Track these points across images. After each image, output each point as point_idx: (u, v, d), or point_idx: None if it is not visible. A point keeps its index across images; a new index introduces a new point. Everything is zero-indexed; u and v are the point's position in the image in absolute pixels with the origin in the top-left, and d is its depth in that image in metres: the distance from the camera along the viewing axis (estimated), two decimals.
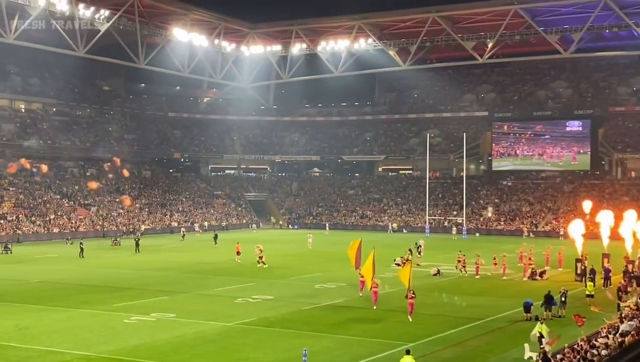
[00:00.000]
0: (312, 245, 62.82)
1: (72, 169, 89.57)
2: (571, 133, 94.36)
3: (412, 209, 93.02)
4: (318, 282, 40.06)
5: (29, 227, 71.67)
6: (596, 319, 26.50)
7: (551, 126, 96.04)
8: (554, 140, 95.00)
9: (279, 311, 31.17)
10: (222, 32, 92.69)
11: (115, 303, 32.81)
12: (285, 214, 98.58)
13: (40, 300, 33.94)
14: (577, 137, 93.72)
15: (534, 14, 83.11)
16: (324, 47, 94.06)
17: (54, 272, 44.81)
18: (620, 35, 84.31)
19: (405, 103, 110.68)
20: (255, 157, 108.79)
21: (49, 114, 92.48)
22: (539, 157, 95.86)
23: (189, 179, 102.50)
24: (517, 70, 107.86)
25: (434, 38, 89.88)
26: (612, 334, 20.82)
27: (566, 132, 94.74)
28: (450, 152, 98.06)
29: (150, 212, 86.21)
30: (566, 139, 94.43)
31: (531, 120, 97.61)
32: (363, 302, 33.69)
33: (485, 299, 35.58)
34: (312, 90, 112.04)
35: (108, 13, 78.49)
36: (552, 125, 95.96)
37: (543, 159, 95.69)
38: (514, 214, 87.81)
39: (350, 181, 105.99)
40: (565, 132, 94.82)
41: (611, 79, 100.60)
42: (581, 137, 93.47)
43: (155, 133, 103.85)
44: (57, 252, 57.62)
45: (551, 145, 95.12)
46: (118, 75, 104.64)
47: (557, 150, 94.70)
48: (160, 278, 42.50)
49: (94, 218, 78.77)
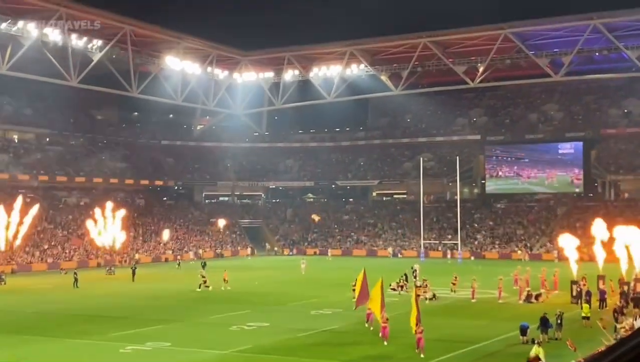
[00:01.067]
0: (305, 271, 62.77)
1: (66, 199, 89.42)
2: (563, 155, 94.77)
3: (407, 234, 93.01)
4: (314, 309, 39.96)
5: (23, 257, 71.38)
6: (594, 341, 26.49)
7: (543, 149, 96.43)
8: (547, 163, 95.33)
9: (275, 338, 31.07)
10: (214, 59, 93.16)
11: (111, 333, 32.66)
12: (280, 240, 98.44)
13: (36, 330, 33.78)
14: (569, 160, 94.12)
15: (524, 38, 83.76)
16: (316, 74, 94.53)
17: (49, 303, 44.61)
18: (611, 58, 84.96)
19: (398, 128, 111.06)
20: (249, 184, 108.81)
21: (42, 143, 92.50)
22: (532, 180, 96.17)
23: (183, 207, 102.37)
24: (508, 94, 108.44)
25: (425, 63, 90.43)
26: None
27: (558, 154, 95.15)
28: (444, 176, 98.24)
29: (144, 240, 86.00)
30: (559, 161, 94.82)
31: (523, 144, 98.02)
32: (359, 327, 33.59)
33: (481, 322, 35.54)
34: (305, 117, 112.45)
35: (101, 43, 78.88)
36: (545, 148, 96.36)
37: (536, 181, 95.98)
38: (508, 237, 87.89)
39: (344, 206, 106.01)
40: (557, 155, 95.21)
41: (602, 101, 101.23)
42: (574, 160, 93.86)
43: (149, 161, 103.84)
44: (51, 283, 57.38)
45: (544, 168, 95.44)
46: (111, 105, 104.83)
47: (550, 173, 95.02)
48: (155, 307, 42.36)
49: (88, 248, 78.52)
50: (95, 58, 78.73)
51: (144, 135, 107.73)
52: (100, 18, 76.98)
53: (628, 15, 76.86)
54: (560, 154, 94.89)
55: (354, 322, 35.26)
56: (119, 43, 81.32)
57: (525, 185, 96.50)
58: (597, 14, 77.91)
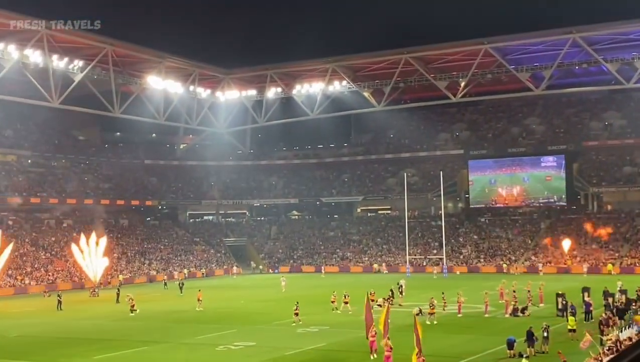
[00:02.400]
0: (285, 288, 62.63)
1: (49, 221, 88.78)
2: (546, 169, 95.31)
3: (392, 249, 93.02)
4: (300, 327, 39.76)
5: (5, 280, 70.70)
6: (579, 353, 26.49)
7: (526, 162, 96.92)
8: (529, 176, 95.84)
9: (261, 358, 30.87)
10: (197, 78, 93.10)
11: (95, 355, 32.34)
12: (265, 258, 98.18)
13: (19, 355, 33.39)
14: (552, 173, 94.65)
15: (505, 52, 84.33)
16: (299, 90, 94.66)
17: (32, 326, 44.16)
18: (590, 71, 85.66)
19: (382, 143, 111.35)
20: (234, 202, 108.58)
21: (24, 165, 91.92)
22: (515, 193, 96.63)
23: (167, 226, 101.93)
24: (490, 108, 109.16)
25: (407, 79, 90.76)
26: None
27: (541, 168, 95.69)
28: (428, 191, 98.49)
29: (128, 261, 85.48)
30: (541, 174, 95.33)
31: (506, 157, 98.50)
32: (347, 346, 33.45)
33: (468, 337, 35.51)
34: (288, 134, 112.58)
35: (82, 63, 78.61)
36: (527, 162, 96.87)
37: (519, 195, 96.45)
38: (493, 251, 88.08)
39: (329, 222, 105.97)
40: (540, 168, 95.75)
41: (583, 114, 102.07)
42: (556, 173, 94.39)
43: (132, 181, 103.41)
44: (34, 306, 56.82)
45: (527, 182, 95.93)
46: (93, 125, 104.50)
47: (532, 186, 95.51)
48: (141, 328, 42.00)
49: (71, 270, 77.90)
50: (76, 79, 78.40)
51: (127, 155, 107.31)
52: (81, 38, 76.79)
53: (607, 28, 77.62)
54: (543, 167, 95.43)
55: (341, 340, 35.12)
56: (100, 63, 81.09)
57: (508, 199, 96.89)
58: (577, 28, 78.64)
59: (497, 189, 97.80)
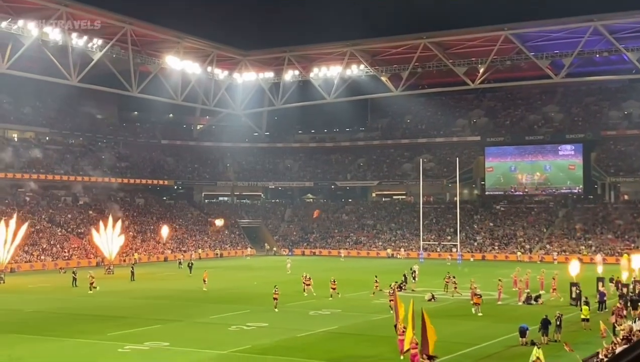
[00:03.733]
0: (290, 270, 62.85)
1: (65, 198, 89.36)
2: (564, 157, 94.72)
3: (406, 235, 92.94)
4: (312, 309, 39.88)
5: (22, 256, 71.29)
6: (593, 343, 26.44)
7: (543, 150, 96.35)
8: (552, 164, 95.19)
9: (273, 339, 31.00)
10: (214, 59, 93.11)
11: (109, 332, 32.58)
12: (279, 240, 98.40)
13: (34, 330, 33.69)
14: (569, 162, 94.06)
15: (525, 39, 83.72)
16: (316, 74, 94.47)
17: (48, 302, 44.52)
18: (611, 60, 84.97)
19: (398, 128, 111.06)
20: (249, 184, 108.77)
21: (42, 142, 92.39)
22: (532, 181, 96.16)
23: (183, 206, 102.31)
24: (508, 95, 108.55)
25: (426, 64, 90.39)
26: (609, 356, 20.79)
27: (558, 156, 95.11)
28: (444, 177, 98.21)
29: (143, 240, 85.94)
30: (564, 163, 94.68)
31: (523, 145, 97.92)
32: (358, 329, 33.54)
33: (481, 324, 35.48)
34: (304, 117, 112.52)
35: (101, 42, 78.81)
36: (545, 150, 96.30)
37: (536, 183, 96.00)
38: (507, 239, 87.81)
39: (343, 206, 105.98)
40: (557, 157, 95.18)
41: (602, 103, 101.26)
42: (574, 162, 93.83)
43: (149, 161, 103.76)
44: (50, 282, 57.28)
45: (548, 170, 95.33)
46: (111, 104, 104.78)
47: (554, 175, 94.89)
48: (154, 306, 42.28)
49: (87, 247, 78.44)
50: (95, 57, 78.70)
51: (144, 134, 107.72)
52: (100, 17, 77.00)
53: (628, 17, 76.88)
54: (561, 156, 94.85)
55: (353, 323, 35.22)
56: (119, 42, 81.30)
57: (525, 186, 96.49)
58: (598, 16, 77.90)
59: (517, 176, 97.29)
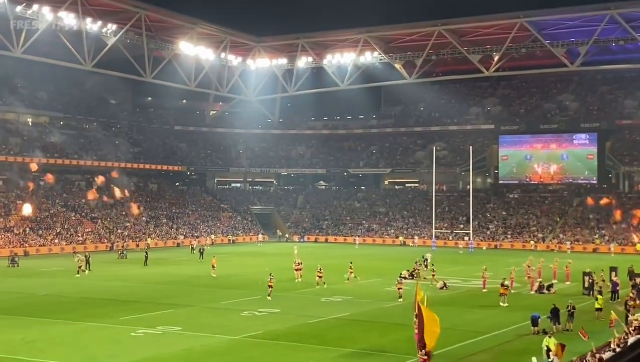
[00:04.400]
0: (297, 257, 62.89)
1: (79, 182, 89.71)
2: (582, 146, 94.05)
3: (419, 223, 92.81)
4: (324, 296, 39.95)
5: (35, 240, 71.74)
6: (605, 332, 26.36)
7: (558, 139, 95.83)
8: (569, 153, 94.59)
9: (285, 324, 31.09)
10: (228, 45, 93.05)
11: (122, 316, 32.76)
12: (292, 227, 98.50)
13: (47, 313, 33.90)
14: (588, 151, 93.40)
15: (540, 27, 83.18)
16: (329, 61, 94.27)
17: (61, 285, 44.78)
18: (627, 49, 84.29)
19: (411, 116, 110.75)
20: (262, 170, 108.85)
21: (56, 127, 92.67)
22: (552, 171, 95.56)
23: (195, 192, 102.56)
24: (523, 84, 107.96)
25: (440, 51, 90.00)
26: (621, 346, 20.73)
27: (573, 145, 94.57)
28: (457, 165, 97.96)
29: (156, 225, 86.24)
30: (576, 152, 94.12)
31: (538, 134, 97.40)
32: (370, 316, 33.56)
33: (492, 312, 35.45)
34: (317, 104, 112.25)
35: (115, 27, 78.92)
36: (559, 139, 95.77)
37: (550, 172, 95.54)
38: (521, 228, 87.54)
39: (356, 194, 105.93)
40: (572, 146, 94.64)
41: (618, 92, 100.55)
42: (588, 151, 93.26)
43: (162, 146, 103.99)
44: (63, 266, 57.56)
45: (565, 159, 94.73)
46: (125, 89, 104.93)
47: (571, 164, 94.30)
48: (167, 291, 42.44)
49: (100, 231, 78.83)
50: (109, 42, 78.86)
51: (157, 120, 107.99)
52: (114, 2, 77.06)
53: None
54: (575, 145, 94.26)
55: (364, 310, 35.25)
56: (133, 28, 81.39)
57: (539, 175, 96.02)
58: (614, 4, 77.33)
59: (533, 166, 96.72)
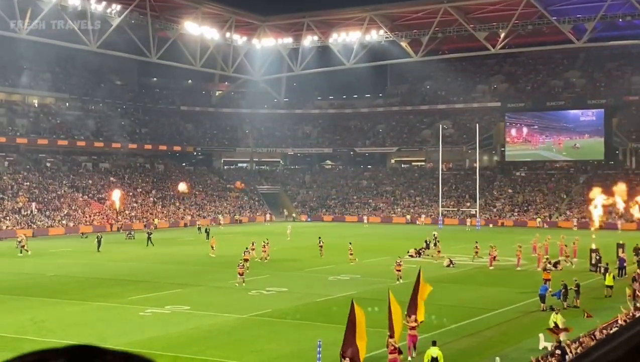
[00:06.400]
0: (290, 236, 63.05)
1: (86, 163, 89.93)
2: (585, 123, 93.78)
3: (425, 201, 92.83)
4: (331, 274, 40.07)
5: (43, 221, 72.01)
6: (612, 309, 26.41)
7: (565, 116, 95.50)
8: (568, 130, 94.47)
9: (293, 303, 31.22)
10: (233, 25, 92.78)
11: (130, 296, 32.92)
12: (298, 206, 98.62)
13: (56, 293, 34.08)
14: (591, 127, 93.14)
15: (547, 3, 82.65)
16: (335, 39, 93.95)
17: (69, 266, 44.99)
18: (634, 24, 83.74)
19: (418, 94, 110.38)
20: (268, 150, 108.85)
21: (62, 108, 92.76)
22: (553, 147, 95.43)
23: (202, 173, 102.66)
24: (529, 61, 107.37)
25: (446, 29, 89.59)
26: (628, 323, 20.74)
27: (580, 122, 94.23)
28: (463, 144, 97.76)
29: (163, 205, 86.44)
30: (580, 128, 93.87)
31: (544, 111, 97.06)
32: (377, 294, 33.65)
33: (500, 289, 35.52)
34: (323, 83, 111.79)
35: (120, 7, 78.77)
36: (566, 115, 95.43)
37: (557, 149, 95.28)
38: (527, 204, 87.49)
39: (362, 172, 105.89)
40: (578, 122, 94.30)
41: (625, 68, 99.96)
42: (595, 127, 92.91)
43: (168, 127, 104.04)
44: (71, 246, 57.86)
45: (565, 136, 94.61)
46: (130, 70, 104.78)
47: (570, 141, 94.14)
48: (175, 271, 42.60)
49: (108, 212, 79.05)
50: (114, 23, 78.70)
51: (163, 100, 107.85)
52: None
53: None
54: (582, 122, 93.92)
55: (372, 289, 35.33)
56: (138, 8, 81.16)
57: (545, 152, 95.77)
58: None
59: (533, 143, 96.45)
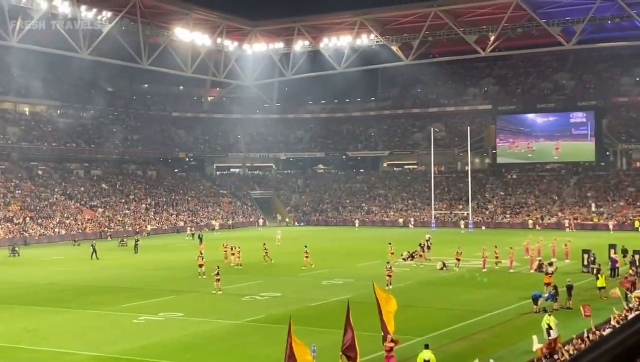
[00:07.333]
0: (280, 241, 63.12)
1: (78, 171, 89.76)
2: (575, 125, 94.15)
3: (418, 204, 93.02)
4: (325, 279, 40.10)
5: (35, 229, 71.85)
6: (604, 309, 26.51)
7: (555, 118, 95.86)
8: (558, 132, 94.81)
9: (287, 308, 31.18)
10: (224, 30, 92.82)
11: (124, 303, 32.88)
12: (292, 211, 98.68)
13: (49, 302, 34.02)
14: (581, 129, 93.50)
15: (536, 6, 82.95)
16: (326, 44, 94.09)
17: (62, 274, 44.91)
18: (623, 26, 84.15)
19: (409, 98, 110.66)
20: (260, 155, 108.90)
21: (53, 116, 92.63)
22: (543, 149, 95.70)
23: (195, 178, 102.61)
24: (519, 63, 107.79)
25: (436, 32, 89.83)
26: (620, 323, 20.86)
27: (570, 123, 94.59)
28: (455, 146, 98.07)
29: (156, 212, 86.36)
30: (570, 130, 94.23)
31: (535, 113, 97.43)
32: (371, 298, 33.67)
33: (493, 292, 35.61)
34: (315, 87, 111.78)
35: (110, 14, 78.70)
36: (556, 117, 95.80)
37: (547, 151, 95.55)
38: (519, 206, 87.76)
39: (355, 176, 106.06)
40: (569, 124, 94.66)
41: (614, 69, 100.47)
42: (585, 129, 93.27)
43: (160, 133, 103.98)
44: (64, 254, 57.75)
45: (555, 137, 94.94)
46: (121, 76, 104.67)
47: (561, 142, 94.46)
48: (168, 278, 42.57)
49: (100, 219, 78.94)
50: (104, 30, 78.64)
51: (155, 107, 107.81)
52: None
53: None
54: (572, 123, 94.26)
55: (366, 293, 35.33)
56: (128, 15, 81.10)
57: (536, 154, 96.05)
58: None
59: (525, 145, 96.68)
